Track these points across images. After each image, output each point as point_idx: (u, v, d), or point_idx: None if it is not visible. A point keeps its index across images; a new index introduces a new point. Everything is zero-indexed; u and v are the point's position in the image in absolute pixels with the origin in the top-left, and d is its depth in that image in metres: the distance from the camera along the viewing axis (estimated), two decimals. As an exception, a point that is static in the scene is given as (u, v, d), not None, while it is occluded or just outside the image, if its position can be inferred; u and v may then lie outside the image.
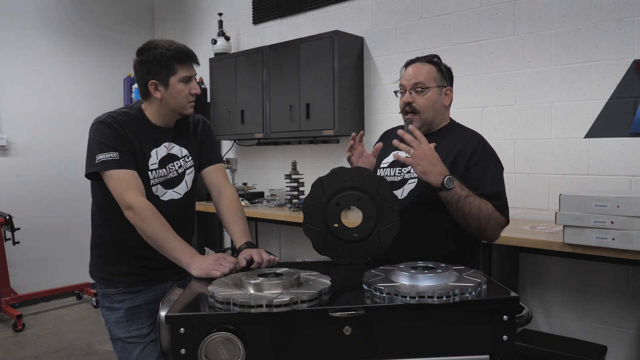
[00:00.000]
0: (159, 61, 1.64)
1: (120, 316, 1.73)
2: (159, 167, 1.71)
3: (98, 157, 1.60)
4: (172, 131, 1.78)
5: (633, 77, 2.64)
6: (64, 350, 3.56)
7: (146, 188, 1.66)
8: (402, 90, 1.76)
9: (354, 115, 3.77)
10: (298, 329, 1.08)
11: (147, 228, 1.56)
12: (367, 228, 1.52)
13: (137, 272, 1.73)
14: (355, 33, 3.79)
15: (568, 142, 2.88)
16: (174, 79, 1.67)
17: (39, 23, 4.74)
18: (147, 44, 1.69)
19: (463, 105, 3.22)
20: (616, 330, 2.76)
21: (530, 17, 3.00)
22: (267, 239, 4.62)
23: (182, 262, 1.51)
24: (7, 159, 4.53)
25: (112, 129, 1.63)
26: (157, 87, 1.67)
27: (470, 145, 1.68)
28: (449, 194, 1.51)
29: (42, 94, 4.74)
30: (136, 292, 1.73)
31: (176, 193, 1.77)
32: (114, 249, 1.72)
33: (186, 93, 1.70)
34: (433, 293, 1.07)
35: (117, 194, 1.59)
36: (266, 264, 1.52)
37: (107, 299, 1.76)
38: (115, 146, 1.61)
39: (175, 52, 1.66)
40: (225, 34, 4.59)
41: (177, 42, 1.70)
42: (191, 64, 1.72)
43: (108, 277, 1.74)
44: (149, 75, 1.66)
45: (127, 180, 1.60)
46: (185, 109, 1.73)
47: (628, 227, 2.06)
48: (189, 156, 1.81)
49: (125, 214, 1.59)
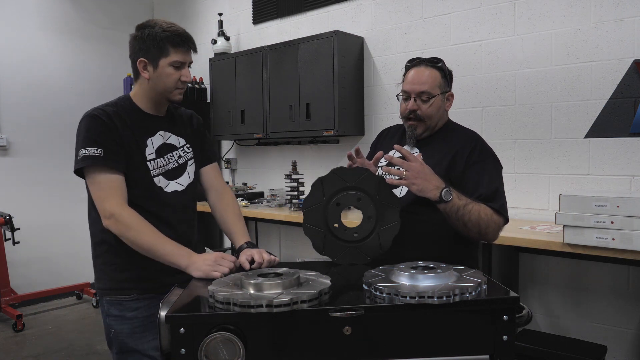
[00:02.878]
0: (152, 40, 1.57)
1: (136, 326, 1.60)
2: (156, 156, 1.64)
3: (81, 152, 1.53)
4: (166, 120, 1.71)
5: (633, 77, 2.64)
6: (64, 351, 3.56)
7: (147, 179, 1.60)
8: (406, 96, 1.73)
9: (354, 115, 3.77)
10: (298, 329, 1.08)
11: (137, 236, 1.49)
12: (367, 228, 1.52)
13: (151, 276, 1.60)
14: (355, 33, 3.79)
15: (568, 142, 2.88)
16: (164, 61, 1.58)
17: (39, 23, 4.74)
18: (147, 22, 1.62)
19: (463, 105, 3.22)
20: (616, 330, 2.76)
21: (530, 17, 3.00)
22: (267, 239, 4.62)
23: (181, 265, 1.46)
24: (7, 159, 4.53)
25: (99, 123, 1.55)
26: (146, 66, 1.59)
27: (469, 145, 1.68)
28: (447, 206, 1.51)
29: (42, 94, 4.74)
30: (151, 299, 1.60)
31: (179, 184, 1.69)
32: (122, 252, 1.58)
33: (175, 78, 1.61)
34: (433, 293, 1.07)
35: (97, 200, 1.52)
36: (267, 264, 1.52)
37: (116, 306, 1.61)
38: (100, 141, 1.52)
39: (172, 34, 1.58)
40: (225, 34, 4.60)
41: (178, 25, 1.63)
42: (187, 49, 1.62)
43: (118, 285, 1.61)
44: (140, 53, 1.59)
45: (110, 186, 1.51)
46: (173, 94, 1.63)
47: (628, 227, 2.06)
48: (189, 147, 1.75)
49: (105, 223, 1.50)
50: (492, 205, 1.58)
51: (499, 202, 1.60)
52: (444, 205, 1.51)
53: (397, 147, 1.57)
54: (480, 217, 1.54)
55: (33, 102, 4.67)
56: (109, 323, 1.63)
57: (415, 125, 1.72)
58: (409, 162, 1.52)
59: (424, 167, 1.52)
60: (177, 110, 1.79)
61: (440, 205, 1.52)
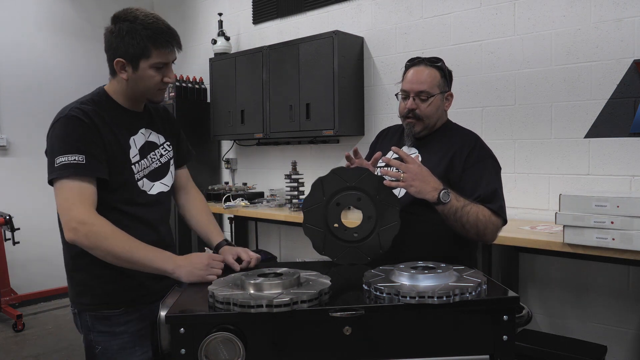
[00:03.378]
0: (131, 39, 1.39)
1: (126, 341, 1.47)
2: (140, 157, 1.51)
3: (59, 159, 1.36)
4: (145, 116, 1.58)
5: (633, 77, 2.64)
6: (64, 351, 3.56)
7: (131, 183, 1.48)
8: (405, 95, 1.74)
9: (354, 115, 3.77)
10: (298, 329, 1.08)
11: (115, 245, 1.34)
12: (367, 228, 1.52)
13: (140, 285, 1.49)
14: (355, 33, 3.79)
15: (568, 142, 2.88)
16: (145, 64, 1.42)
17: (39, 23, 4.74)
18: (124, 12, 1.43)
19: (463, 105, 3.22)
20: (616, 330, 2.76)
21: (530, 17, 3.00)
22: (267, 239, 4.62)
23: (167, 271, 1.37)
24: (7, 159, 4.53)
25: (78, 125, 1.38)
26: (124, 66, 1.43)
27: (467, 146, 1.68)
28: (445, 207, 1.51)
29: (42, 94, 4.74)
30: (140, 311, 1.50)
31: (164, 185, 1.59)
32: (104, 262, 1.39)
33: (157, 80, 1.45)
34: (433, 293, 1.07)
35: (63, 209, 1.35)
36: (254, 261, 1.52)
37: (102, 321, 1.46)
38: (82, 147, 1.37)
39: (154, 32, 1.40)
40: (225, 34, 4.59)
41: (161, 18, 1.45)
42: (171, 48, 1.45)
43: (104, 299, 1.47)
44: (118, 51, 1.41)
45: (80, 193, 1.35)
46: (155, 95, 1.50)
47: (628, 227, 2.06)
48: (169, 144, 1.64)
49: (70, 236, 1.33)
50: (490, 207, 1.57)
51: (498, 204, 1.60)
52: (442, 206, 1.51)
53: (394, 149, 1.57)
54: (479, 218, 1.54)
55: (33, 102, 4.67)
56: (93, 339, 1.47)
57: (413, 123, 1.72)
58: (406, 164, 1.51)
59: (421, 168, 1.52)
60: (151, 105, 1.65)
61: (439, 206, 1.52)
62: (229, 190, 4.24)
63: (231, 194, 4.14)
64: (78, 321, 1.52)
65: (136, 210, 1.49)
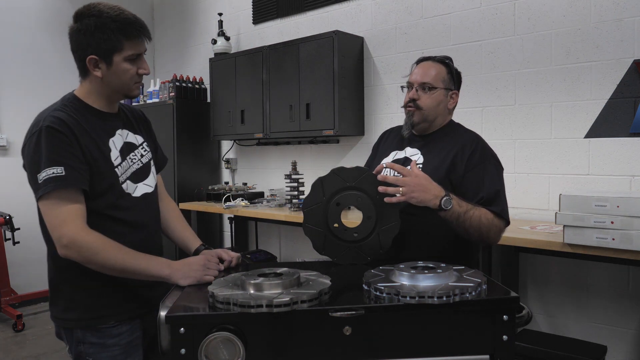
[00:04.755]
0: (101, 34, 1.36)
1: (118, 353, 1.44)
2: (121, 160, 1.48)
3: (41, 175, 1.32)
4: (120, 116, 1.55)
5: (633, 77, 2.64)
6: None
7: (116, 187, 1.45)
8: (409, 86, 1.77)
9: (354, 115, 3.77)
10: (298, 329, 1.08)
11: (109, 258, 1.33)
12: (367, 228, 1.52)
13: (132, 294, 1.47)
14: (355, 33, 3.79)
15: (568, 142, 2.88)
16: (118, 57, 1.39)
17: (40, 23, 4.74)
18: (87, 8, 1.39)
19: (463, 105, 3.21)
20: (616, 330, 2.76)
21: (530, 17, 3.00)
22: (267, 239, 4.62)
23: (163, 276, 1.36)
24: (7, 159, 4.53)
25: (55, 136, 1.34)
26: (97, 63, 1.40)
27: (469, 147, 1.68)
28: (447, 214, 1.50)
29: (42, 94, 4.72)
30: (132, 322, 1.48)
31: (147, 186, 1.56)
32: (100, 274, 1.37)
33: (132, 73, 1.43)
34: (433, 293, 1.07)
35: (53, 226, 1.33)
36: (235, 260, 1.54)
37: (93, 333, 1.42)
38: (60, 159, 1.32)
39: (123, 24, 1.38)
40: (225, 34, 4.59)
41: (125, 9, 1.42)
42: (142, 39, 1.42)
43: (95, 313, 1.43)
44: (89, 49, 1.38)
45: (68, 207, 1.32)
46: (131, 90, 1.47)
47: (628, 227, 2.06)
48: (147, 145, 1.61)
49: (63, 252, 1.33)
50: (493, 209, 1.57)
51: (500, 206, 1.59)
52: (444, 213, 1.50)
53: (388, 165, 1.55)
54: (481, 222, 1.53)
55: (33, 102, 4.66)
56: (83, 351, 1.43)
57: (412, 112, 1.73)
58: (403, 178, 1.49)
59: (419, 178, 1.50)
60: (123, 106, 1.61)
61: (441, 212, 1.51)
62: (229, 190, 4.24)
63: (231, 194, 4.14)
64: (62, 333, 1.49)
65: (124, 214, 1.47)
